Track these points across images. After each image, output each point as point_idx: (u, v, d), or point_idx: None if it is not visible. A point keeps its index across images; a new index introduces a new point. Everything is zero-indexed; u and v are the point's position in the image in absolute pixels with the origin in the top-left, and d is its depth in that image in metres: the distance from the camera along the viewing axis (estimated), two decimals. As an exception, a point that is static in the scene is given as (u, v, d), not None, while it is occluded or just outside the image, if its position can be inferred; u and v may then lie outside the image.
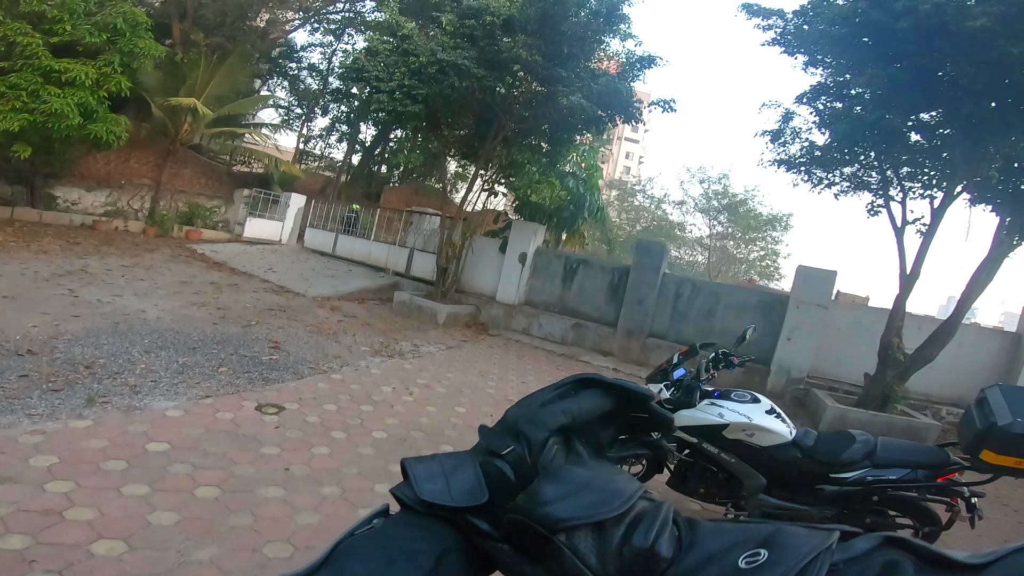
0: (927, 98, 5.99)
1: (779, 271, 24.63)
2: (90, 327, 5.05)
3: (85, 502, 2.48)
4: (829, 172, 7.63)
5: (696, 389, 3.15)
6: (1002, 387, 2.68)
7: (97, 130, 9.36)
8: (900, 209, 6.85)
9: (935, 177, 6.78)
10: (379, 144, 21.21)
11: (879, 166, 7.03)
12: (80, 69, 9.00)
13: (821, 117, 7.09)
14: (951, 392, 7.48)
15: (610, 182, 31.75)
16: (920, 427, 5.95)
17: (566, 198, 11.33)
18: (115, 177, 12.72)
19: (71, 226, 11.24)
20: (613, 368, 7.94)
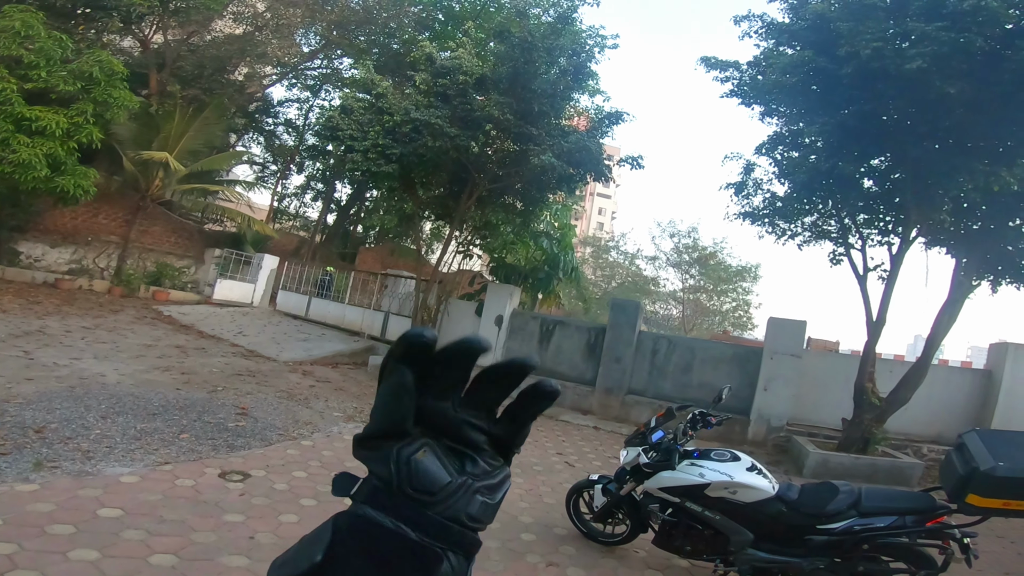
0: (875, 143, 6.32)
1: (751, 321, 25.16)
2: (43, 390, 4.78)
3: (28, 564, 2.32)
4: (791, 223, 7.90)
5: (675, 451, 3.14)
6: (980, 432, 2.74)
7: (65, 183, 9.07)
8: (860, 256, 7.10)
9: (891, 223, 7.07)
10: (354, 203, 21.17)
11: (837, 214, 7.32)
12: (52, 118, 8.77)
13: (780, 167, 7.40)
14: (930, 430, 7.59)
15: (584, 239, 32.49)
16: (904, 466, 6.00)
17: (541, 259, 11.40)
18: (82, 232, 12.27)
19: (32, 283, 10.84)
20: (594, 426, 7.82)
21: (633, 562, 3.40)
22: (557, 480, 4.95)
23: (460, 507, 0.39)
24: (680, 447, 3.19)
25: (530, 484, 4.75)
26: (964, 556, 2.70)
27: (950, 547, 2.74)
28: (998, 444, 2.57)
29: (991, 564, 3.75)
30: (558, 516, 3.98)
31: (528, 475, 5.01)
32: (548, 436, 6.86)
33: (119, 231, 12.84)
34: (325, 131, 9.10)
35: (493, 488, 0.42)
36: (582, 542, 3.62)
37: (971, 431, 2.78)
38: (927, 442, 7.36)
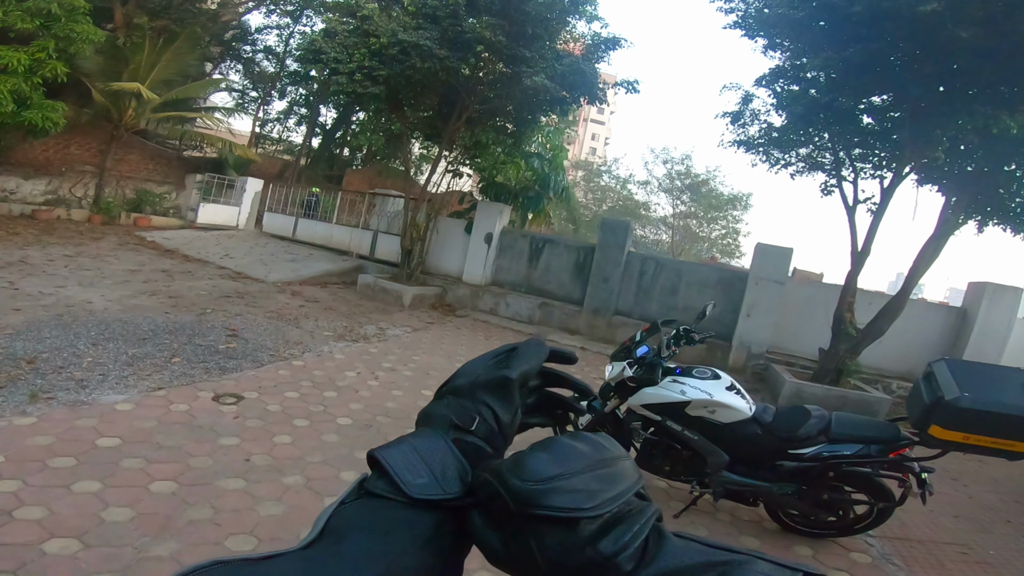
0: (878, 81, 6.19)
1: (740, 249, 25.46)
2: (31, 320, 4.77)
3: (34, 500, 2.37)
4: (785, 153, 7.87)
5: (658, 366, 3.18)
6: (949, 361, 2.76)
7: (32, 117, 8.92)
8: (852, 189, 7.11)
9: (885, 158, 7.06)
10: (340, 127, 20.65)
11: (832, 147, 7.28)
12: (12, 55, 8.56)
13: (779, 99, 7.28)
14: (901, 366, 7.86)
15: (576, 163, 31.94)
16: (872, 401, 6.21)
17: (531, 178, 11.33)
18: (55, 164, 12.01)
19: (9, 216, 10.56)
20: (580, 346, 8.01)
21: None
22: (544, 402, 5.13)
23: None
24: (663, 362, 3.23)
25: (517, 405, 4.93)
26: (920, 491, 2.80)
27: (908, 481, 2.85)
28: (966, 375, 2.60)
29: (943, 504, 3.93)
30: (543, 434, 4.14)
31: (516, 397, 5.20)
32: None
33: (93, 161, 12.56)
34: (308, 55, 8.63)
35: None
36: None
37: (940, 360, 2.81)
38: (897, 378, 7.64)
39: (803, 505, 3.04)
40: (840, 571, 2.88)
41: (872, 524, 3.05)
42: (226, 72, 20.09)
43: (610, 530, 0.35)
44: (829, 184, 7.71)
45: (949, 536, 3.53)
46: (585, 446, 0.39)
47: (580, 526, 0.35)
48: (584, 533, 0.35)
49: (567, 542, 0.35)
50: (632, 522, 0.36)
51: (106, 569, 2.06)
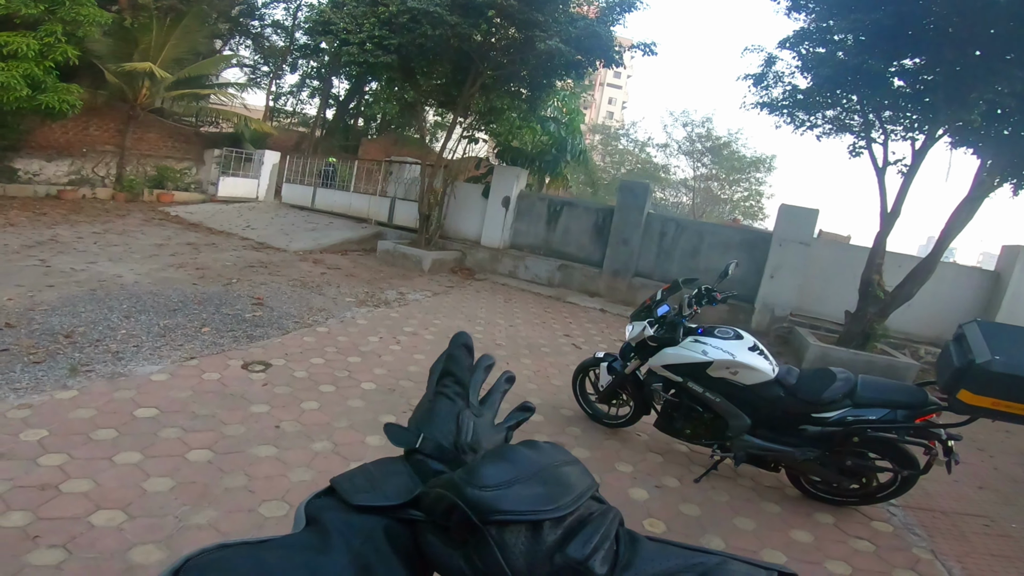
0: (910, 44, 5.96)
1: (763, 211, 24.92)
2: (66, 296, 4.93)
3: (80, 473, 2.46)
4: (811, 115, 7.65)
5: (679, 325, 3.14)
6: (980, 323, 2.63)
7: (48, 100, 9.06)
8: (882, 150, 6.86)
9: (917, 121, 6.79)
10: (353, 97, 20.56)
11: (861, 109, 7.03)
12: (20, 41, 8.64)
13: (804, 61, 7.05)
14: (930, 331, 7.65)
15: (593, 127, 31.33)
16: (899, 366, 6.08)
17: (548, 142, 11.21)
18: (76, 145, 12.25)
19: (36, 197, 10.86)
20: (600, 308, 8.03)
21: (635, 444, 3.63)
22: (564, 362, 5.18)
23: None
24: (685, 322, 3.18)
25: (538, 365, 4.98)
26: (946, 460, 2.71)
27: (935, 448, 2.75)
28: (998, 338, 2.48)
29: (967, 474, 3.84)
30: (565, 398, 4.18)
31: (536, 356, 5.25)
32: (555, 318, 7.10)
33: (113, 141, 12.79)
34: (317, 27, 8.54)
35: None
36: (587, 423, 3.82)
37: (972, 322, 2.69)
38: (925, 343, 7.44)
39: (826, 471, 2.98)
40: (861, 539, 2.87)
41: (895, 492, 2.97)
42: (236, 48, 20.07)
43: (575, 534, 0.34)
44: (858, 146, 7.46)
45: (973, 507, 3.47)
46: (535, 452, 0.39)
47: (544, 530, 0.34)
48: (549, 539, 0.34)
49: (534, 549, 0.34)
50: (597, 524, 0.35)
51: (150, 539, 2.14)
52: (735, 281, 6.81)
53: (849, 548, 2.78)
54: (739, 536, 2.75)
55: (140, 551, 2.07)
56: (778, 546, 2.71)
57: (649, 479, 3.20)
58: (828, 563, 2.63)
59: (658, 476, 3.25)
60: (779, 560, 2.59)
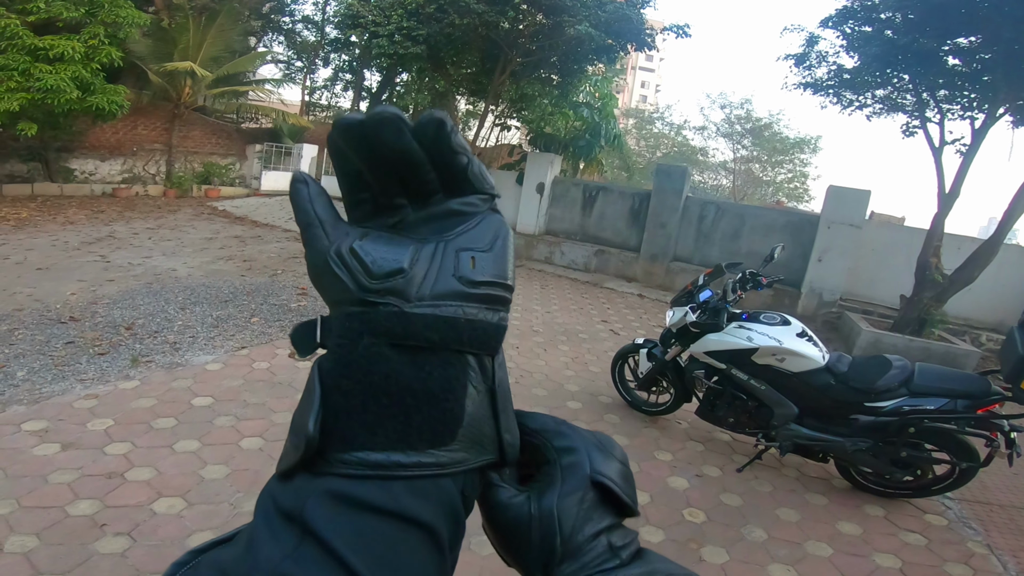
0: (964, 22, 5.71)
1: (808, 193, 23.99)
2: (125, 289, 5.20)
3: (143, 462, 2.60)
4: (860, 94, 7.46)
5: (723, 311, 3.06)
6: None
7: (98, 101, 9.40)
8: (938, 130, 6.59)
9: (975, 100, 6.51)
10: (385, 89, 20.77)
11: (914, 88, 6.77)
12: (66, 44, 8.93)
13: (849, 40, 6.85)
14: (992, 316, 7.23)
15: (626, 111, 30.71)
16: (959, 353, 5.77)
17: (581, 128, 11.08)
18: (126, 145, 12.82)
19: (92, 196, 11.43)
20: (638, 294, 7.94)
21: (675, 433, 3.58)
22: (602, 348, 5.15)
23: (447, 273, 0.29)
24: (729, 307, 3.09)
25: (575, 352, 4.97)
26: (1008, 452, 2.57)
27: (997, 439, 2.61)
28: None
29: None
30: (603, 384, 4.16)
31: (573, 342, 5.24)
32: (592, 303, 7.07)
33: (161, 139, 13.36)
34: (346, 20, 8.72)
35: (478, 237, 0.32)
36: (626, 411, 3.79)
37: None
38: (987, 329, 7.03)
39: (878, 462, 2.86)
40: (912, 532, 2.76)
41: (952, 485, 2.83)
42: (269, 45, 20.58)
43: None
44: (912, 126, 7.23)
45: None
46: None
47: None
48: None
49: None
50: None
51: (207, 526, 2.24)
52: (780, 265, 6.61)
53: (899, 541, 2.68)
54: (782, 527, 2.69)
55: (198, 538, 2.17)
56: (823, 538, 2.64)
57: (689, 468, 3.16)
58: (876, 556, 2.55)
59: (698, 465, 3.20)
60: (824, 552, 2.52)
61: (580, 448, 0.34)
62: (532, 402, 3.80)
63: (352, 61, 19.00)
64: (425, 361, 0.28)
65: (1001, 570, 2.57)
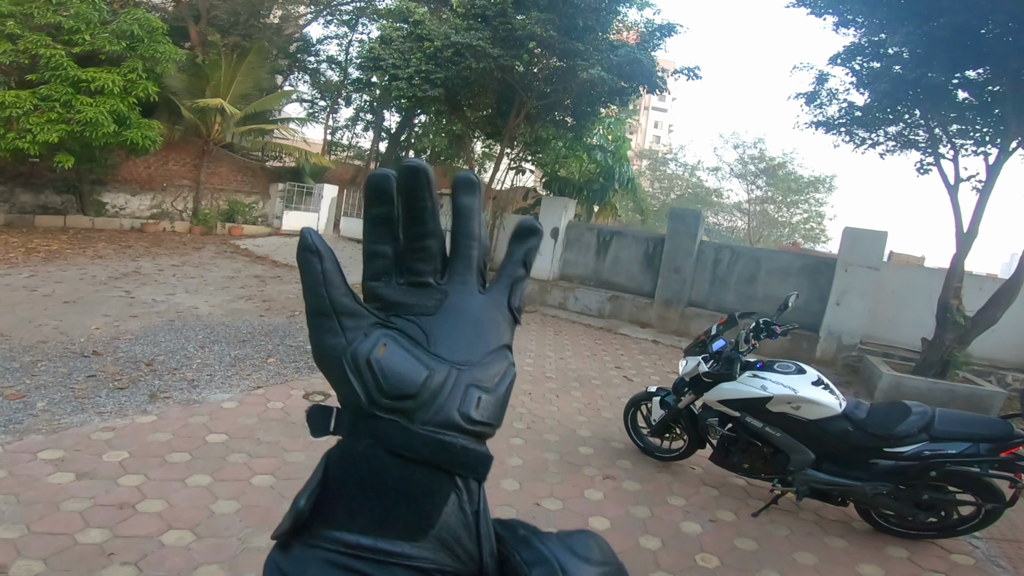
0: (971, 56, 5.76)
1: (824, 233, 23.80)
2: (148, 326, 5.34)
3: (155, 494, 2.63)
4: (872, 132, 7.46)
5: (736, 361, 3.06)
6: None
7: (133, 136, 9.68)
8: (952, 167, 6.56)
9: (988, 134, 6.50)
10: (404, 130, 21.39)
11: (926, 124, 6.78)
12: (107, 77, 9.23)
13: (858, 77, 6.91)
14: (1017, 356, 7.06)
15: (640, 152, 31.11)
16: (984, 395, 5.63)
17: (595, 171, 11.24)
18: (157, 180, 13.21)
19: (121, 230, 11.79)
20: (652, 340, 7.86)
21: (689, 478, 3.52)
22: (615, 394, 5.10)
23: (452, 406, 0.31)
24: (742, 357, 3.09)
25: (588, 398, 4.92)
26: None
27: (1021, 480, 2.59)
28: None
29: None
30: (615, 430, 4.12)
31: (586, 388, 5.20)
32: (606, 349, 7.02)
33: (189, 175, 13.74)
34: (367, 63, 9.10)
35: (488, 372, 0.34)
36: (639, 456, 3.75)
37: None
38: (1013, 370, 6.85)
39: (900, 505, 2.81)
40: (938, 573, 2.67)
41: (979, 526, 2.79)
42: (295, 84, 21.38)
43: None
44: (926, 163, 7.19)
45: None
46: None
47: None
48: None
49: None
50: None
51: (214, 559, 2.25)
52: (798, 309, 6.54)
53: (926, 586, 2.57)
54: (799, 571, 2.61)
55: (205, 571, 2.18)
56: (844, 585, 2.54)
57: (703, 512, 3.09)
58: (901, 601, 2.44)
59: (712, 510, 3.13)
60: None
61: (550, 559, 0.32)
62: (543, 447, 3.77)
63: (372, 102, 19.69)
64: (415, 469, 0.30)
65: (1032, 614, 2.44)
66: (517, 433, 3.98)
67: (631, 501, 3.15)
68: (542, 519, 2.84)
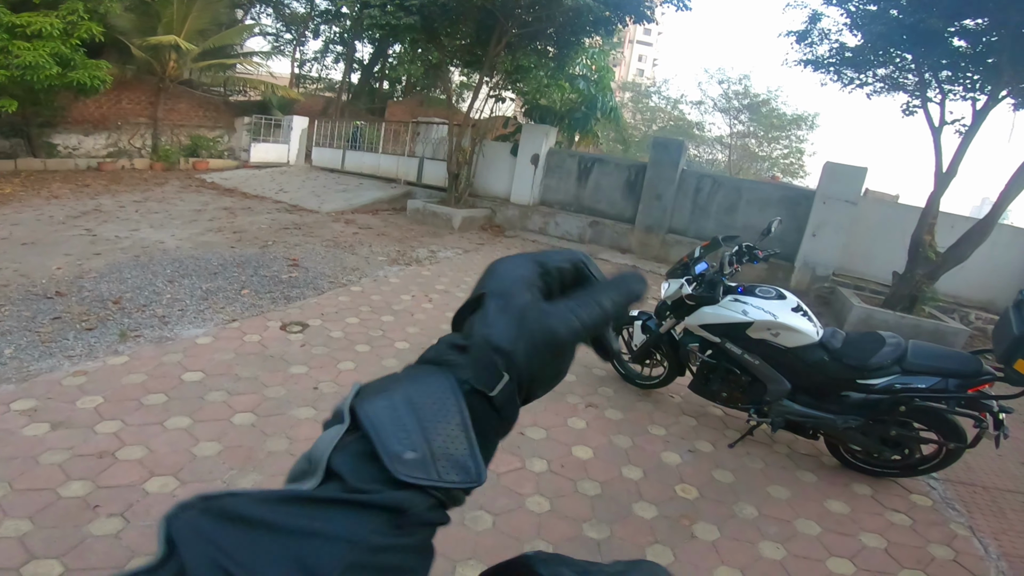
0: (972, 4, 5.65)
1: (803, 169, 23.99)
2: (112, 263, 5.11)
3: (134, 440, 2.56)
4: (861, 72, 7.42)
5: (719, 284, 3.03)
6: None
7: (79, 77, 9.29)
8: (938, 110, 6.56)
9: (978, 81, 6.46)
10: (377, 60, 20.50)
11: (916, 68, 6.71)
12: (43, 21, 8.76)
13: (853, 18, 6.76)
14: (982, 295, 7.29)
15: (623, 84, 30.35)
16: (948, 331, 5.79)
17: (577, 100, 10.96)
18: (111, 119, 12.65)
19: (77, 170, 11.24)
20: (632, 265, 7.97)
21: (668, 407, 3.60)
22: (596, 323, 5.15)
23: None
24: (725, 280, 3.07)
25: (570, 327, 4.96)
26: (996, 433, 2.57)
27: (985, 420, 2.60)
28: None
29: (1012, 450, 3.62)
30: (596, 358, 4.13)
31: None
32: None
33: (146, 113, 13.20)
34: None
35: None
36: (620, 384, 3.79)
37: None
38: (977, 308, 7.08)
39: (867, 440, 2.87)
40: (898, 512, 2.79)
41: (938, 466, 2.85)
42: (258, 17, 20.18)
43: None
44: (912, 105, 7.21)
45: (1015, 483, 3.31)
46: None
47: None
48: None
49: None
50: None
51: (200, 506, 2.24)
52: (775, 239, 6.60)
53: (885, 521, 2.71)
54: (773, 505, 2.72)
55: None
56: (812, 516, 2.66)
57: (682, 443, 3.17)
58: (863, 535, 2.58)
59: (691, 440, 3.22)
60: (813, 531, 2.56)
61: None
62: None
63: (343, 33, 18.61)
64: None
65: (982, 552, 2.59)
66: (499, 363, 3.99)
67: (613, 430, 3.21)
68: (526, 448, 2.89)
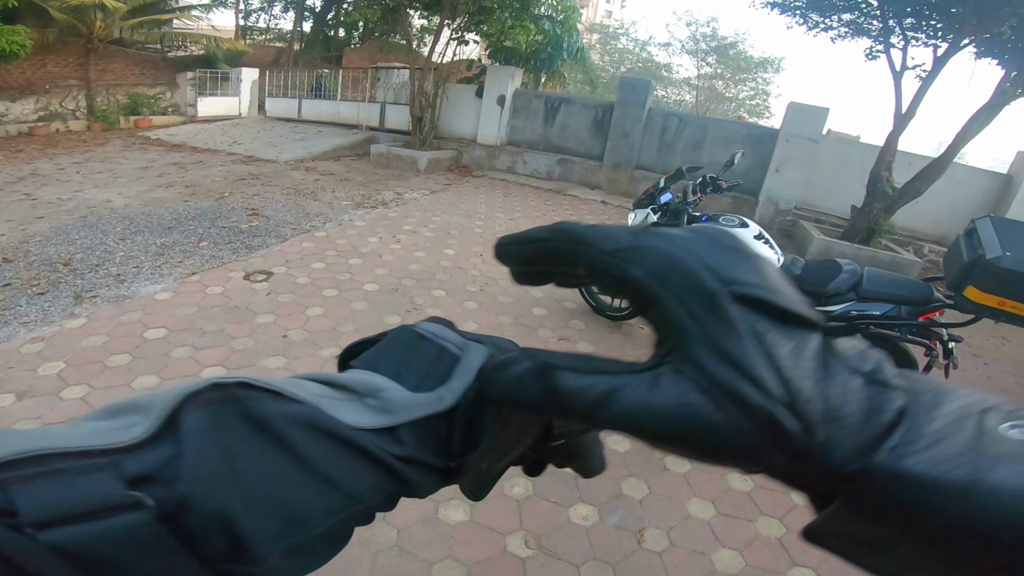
0: None
1: (769, 111, 24.31)
2: (57, 225, 4.83)
3: (103, 403, 2.43)
4: (826, 16, 7.44)
5: (683, 212, 3.07)
6: (994, 218, 2.50)
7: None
8: (900, 55, 6.65)
9: (941, 29, 6.52)
10: (331, 8, 19.37)
11: (881, 14, 6.70)
12: None
13: None
14: (936, 229, 7.63)
15: (591, 26, 29.55)
16: (903, 262, 6.04)
17: (543, 41, 10.63)
18: (37, 83, 11.85)
19: (7, 136, 10.52)
20: (601, 200, 8.06)
21: (638, 337, 3.66)
22: (567, 254, 5.20)
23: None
24: (689, 209, 3.10)
25: (541, 258, 5.01)
26: (945, 362, 2.63)
27: (936, 348, 2.66)
28: (1011, 234, 2.35)
29: (961, 381, 3.56)
30: (568, 291, 4.13)
31: (538, 249, 5.28)
32: (556, 210, 7.14)
33: (76, 75, 12.38)
34: None
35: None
36: (591, 316, 3.84)
37: (985, 216, 2.54)
38: (930, 241, 7.43)
39: None
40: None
41: None
42: None
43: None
44: (875, 50, 7.25)
45: None
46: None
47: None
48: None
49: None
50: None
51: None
52: (739, 173, 6.69)
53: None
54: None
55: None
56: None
57: (653, 373, 3.27)
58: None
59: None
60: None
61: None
62: (498, 310, 3.84)
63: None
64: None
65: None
66: (471, 296, 4.00)
67: (585, 363, 3.28)
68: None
